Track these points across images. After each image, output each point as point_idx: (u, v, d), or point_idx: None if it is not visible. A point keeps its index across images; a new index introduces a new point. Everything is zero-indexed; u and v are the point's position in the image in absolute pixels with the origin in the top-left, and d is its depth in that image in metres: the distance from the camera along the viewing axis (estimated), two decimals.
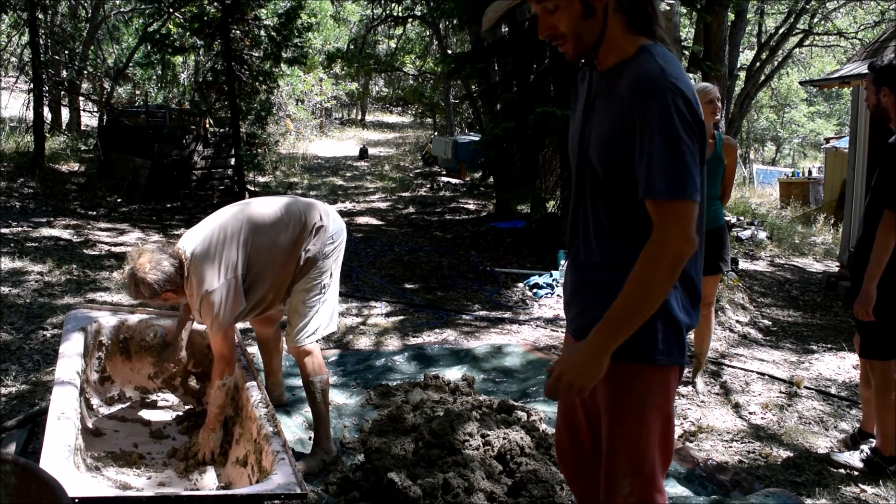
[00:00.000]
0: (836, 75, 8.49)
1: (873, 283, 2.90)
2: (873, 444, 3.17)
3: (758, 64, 19.20)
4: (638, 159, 1.55)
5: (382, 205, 11.83)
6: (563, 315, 5.57)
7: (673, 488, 2.86)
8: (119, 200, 10.10)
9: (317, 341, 3.05)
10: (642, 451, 1.67)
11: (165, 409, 3.39)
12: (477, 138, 11.72)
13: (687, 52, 7.57)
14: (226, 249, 2.81)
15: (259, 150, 11.83)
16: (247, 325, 3.39)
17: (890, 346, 3.02)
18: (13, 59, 15.15)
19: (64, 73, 14.66)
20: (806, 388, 4.25)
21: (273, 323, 3.43)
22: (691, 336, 4.94)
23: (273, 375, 3.55)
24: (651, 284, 1.54)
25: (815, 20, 19.73)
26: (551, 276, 6.19)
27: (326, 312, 3.06)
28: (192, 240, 2.84)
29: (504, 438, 3.10)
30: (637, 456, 1.67)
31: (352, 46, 20.33)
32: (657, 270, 1.54)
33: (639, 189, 1.56)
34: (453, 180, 14.53)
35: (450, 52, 15.94)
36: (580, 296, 1.75)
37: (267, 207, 3.00)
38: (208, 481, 2.80)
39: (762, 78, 20.14)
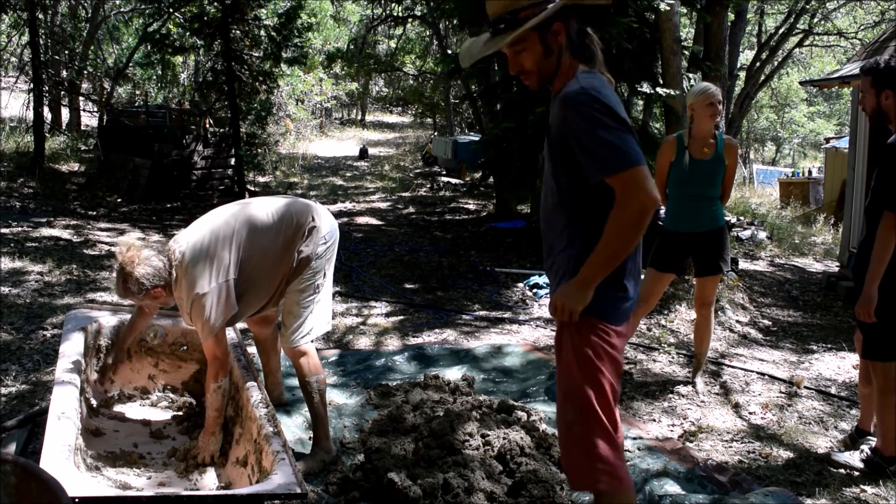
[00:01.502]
0: (836, 75, 8.49)
1: (875, 284, 2.89)
2: (873, 445, 3.17)
3: (758, 64, 19.20)
4: (584, 155, 1.94)
5: (382, 205, 11.84)
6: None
7: (673, 488, 2.86)
8: (119, 200, 10.10)
9: (312, 341, 3.05)
10: (577, 385, 2.02)
11: (165, 409, 3.40)
12: (477, 138, 11.72)
13: (687, 52, 7.55)
14: (218, 252, 2.79)
15: (259, 150, 11.83)
16: (244, 325, 3.40)
17: (892, 347, 3.02)
18: (13, 59, 15.16)
19: (64, 73, 14.66)
20: (806, 388, 4.25)
21: (270, 323, 3.43)
22: (691, 336, 4.95)
23: (272, 375, 3.55)
24: (620, 238, 1.92)
25: (815, 20, 19.73)
26: None
27: (321, 312, 3.06)
28: (183, 241, 2.81)
29: (504, 438, 3.10)
30: (574, 387, 2.03)
31: (352, 46, 20.30)
32: (625, 226, 1.91)
33: (593, 174, 1.94)
34: (453, 180, 14.54)
35: (450, 52, 15.92)
36: (548, 264, 2.19)
37: (259, 210, 2.98)
38: (208, 481, 2.80)
39: (762, 78, 20.13)
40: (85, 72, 15.29)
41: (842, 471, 3.17)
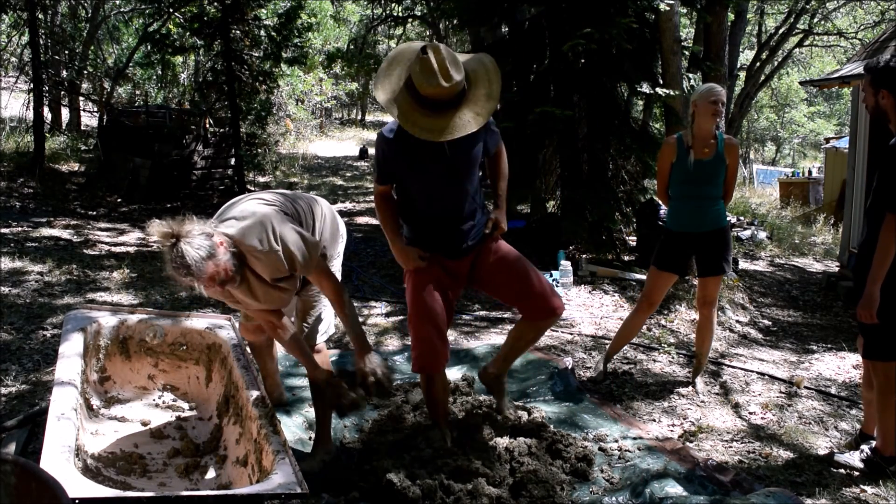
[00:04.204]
0: (836, 75, 8.49)
1: (877, 285, 2.88)
2: (873, 445, 3.17)
3: (758, 64, 19.22)
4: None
5: None
6: (563, 315, 5.56)
7: (673, 488, 2.86)
8: (119, 200, 10.10)
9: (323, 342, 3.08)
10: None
11: (165, 409, 3.39)
12: None
13: (687, 52, 7.55)
14: (269, 215, 2.63)
15: (259, 150, 11.83)
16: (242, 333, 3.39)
17: (892, 347, 3.02)
18: (13, 59, 15.15)
19: (64, 73, 14.66)
20: (806, 388, 4.25)
21: (265, 331, 3.41)
22: (691, 336, 4.94)
23: (270, 377, 3.55)
24: None
25: (815, 20, 19.74)
26: (551, 275, 6.18)
27: (332, 313, 3.08)
28: (225, 225, 2.65)
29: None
30: None
31: (352, 46, 20.30)
32: None
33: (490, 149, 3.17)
34: None
35: None
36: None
37: (287, 198, 2.92)
38: (208, 481, 2.80)
39: (762, 78, 20.15)
40: (85, 72, 15.29)
41: (842, 471, 3.17)
